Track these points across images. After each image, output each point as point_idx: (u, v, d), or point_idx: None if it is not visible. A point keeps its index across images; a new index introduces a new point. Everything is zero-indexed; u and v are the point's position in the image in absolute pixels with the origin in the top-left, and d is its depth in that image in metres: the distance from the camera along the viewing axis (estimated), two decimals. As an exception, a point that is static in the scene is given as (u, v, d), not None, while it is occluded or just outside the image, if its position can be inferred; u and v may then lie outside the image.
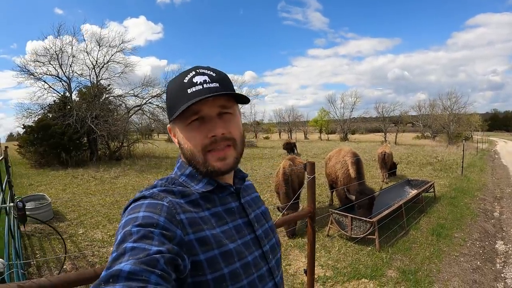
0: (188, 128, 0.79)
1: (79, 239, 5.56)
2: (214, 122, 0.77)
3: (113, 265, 0.56)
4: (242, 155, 0.86)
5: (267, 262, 0.83)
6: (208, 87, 0.76)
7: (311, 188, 2.45)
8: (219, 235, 0.74)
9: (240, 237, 0.79)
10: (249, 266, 0.77)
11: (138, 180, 11.60)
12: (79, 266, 4.53)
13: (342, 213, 5.11)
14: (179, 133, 0.82)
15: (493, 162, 17.17)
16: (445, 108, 37.64)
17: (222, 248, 0.73)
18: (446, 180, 10.60)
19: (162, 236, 0.63)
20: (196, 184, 0.81)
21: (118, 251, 0.59)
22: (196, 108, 0.76)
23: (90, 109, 17.04)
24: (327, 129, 54.51)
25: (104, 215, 6.85)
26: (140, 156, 19.54)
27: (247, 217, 0.85)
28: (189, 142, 0.79)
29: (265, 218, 0.93)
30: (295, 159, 6.48)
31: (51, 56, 17.19)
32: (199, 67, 0.81)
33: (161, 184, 0.81)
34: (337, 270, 4.12)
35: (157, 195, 0.73)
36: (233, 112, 0.82)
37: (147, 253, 0.57)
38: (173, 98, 0.80)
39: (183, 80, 0.78)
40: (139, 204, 0.70)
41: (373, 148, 23.54)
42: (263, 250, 0.84)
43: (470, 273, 4.18)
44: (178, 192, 0.78)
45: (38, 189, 9.92)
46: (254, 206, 0.92)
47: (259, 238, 0.84)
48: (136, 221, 0.64)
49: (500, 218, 6.78)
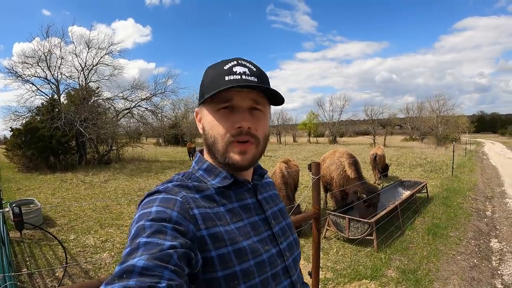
0: (217, 114, 0.77)
1: (71, 245, 5.40)
2: (244, 114, 0.76)
3: (127, 260, 0.55)
4: (261, 156, 0.84)
5: (284, 260, 0.81)
6: (246, 79, 0.74)
7: (316, 189, 2.41)
8: (233, 232, 0.73)
9: (256, 234, 0.77)
10: (263, 264, 0.74)
11: (128, 184, 11.42)
12: (71, 274, 4.40)
13: (340, 215, 5.08)
14: (206, 117, 0.80)
15: (482, 162, 17.43)
16: (433, 110, 38.22)
17: (235, 245, 0.71)
18: (437, 181, 10.72)
19: (175, 231, 0.62)
20: (213, 179, 0.80)
21: (132, 246, 0.58)
22: (229, 96, 0.75)
23: (78, 112, 16.77)
24: (316, 132, 54.73)
25: (95, 220, 6.70)
26: (130, 159, 19.28)
27: (264, 213, 0.83)
28: (214, 128, 0.78)
29: (282, 215, 0.91)
30: (290, 162, 6.45)
31: (39, 58, 16.89)
32: (241, 58, 0.80)
33: (177, 178, 0.79)
34: (337, 272, 4.08)
35: (171, 189, 0.73)
36: (264, 110, 0.81)
37: (160, 248, 0.57)
38: (209, 82, 0.78)
39: (223, 67, 0.77)
40: (153, 199, 0.70)
41: (362, 151, 23.74)
42: (280, 248, 0.81)
43: (468, 271, 4.20)
44: (193, 187, 0.76)
45: (27, 194, 9.66)
46: (271, 203, 0.90)
47: (275, 235, 0.82)
48: (149, 216, 0.64)
49: (492, 217, 6.86)
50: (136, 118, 21.19)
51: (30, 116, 17.13)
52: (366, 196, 5.27)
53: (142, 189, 10.37)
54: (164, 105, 20.90)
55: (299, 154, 23.49)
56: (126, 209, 7.56)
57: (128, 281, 0.51)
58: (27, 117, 17.03)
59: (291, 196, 5.42)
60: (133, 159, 19.65)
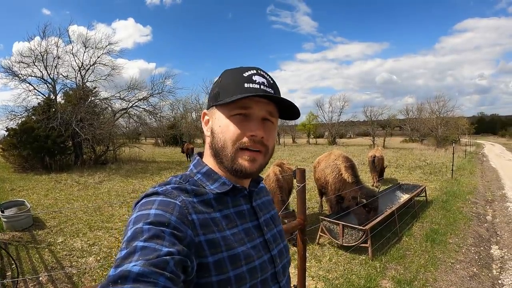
0: (231, 119, 0.77)
1: (58, 248, 5.30)
2: (258, 123, 0.77)
3: (122, 263, 0.54)
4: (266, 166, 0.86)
5: (274, 266, 0.81)
6: (265, 90, 0.77)
7: (301, 197, 2.22)
8: (229, 238, 0.73)
9: (249, 240, 0.78)
10: (255, 270, 0.75)
11: (122, 185, 11.27)
12: (55, 278, 4.26)
13: (333, 221, 4.89)
14: (217, 120, 0.79)
15: (482, 164, 17.24)
16: (433, 111, 38.00)
17: (230, 251, 0.71)
18: (436, 184, 10.53)
19: (173, 236, 0.62)
20: (211, 184, 0.80)
21: (128, 249, 0.57)
22: (247, 104, 0.76)
23: (75, 112, 16.61)
24: (315, 133, 54.48)
25: (85, 222, 6.57)
26: (126, 160, 19.10)
27: (257, 220, 0.84)
28: (226, 133, 0.77)
29: (274, 222, 0.92)
30: (283, 165, 6.26)
31: (36, 57, 16.76)
32: (260, 68, 0.82)
33: (175, 181, 0.79)
34: (329, 282, 3.89)
35: (170, 192, 0.72)
36: (275, 123, 0.83)
37: (157, 254, 0.56)
38: (226, 85, 0.79)
39: (242, 73, 0.78)
40: (151, 200, 0.69)
41: (361, 152, 23.56)
42: (272, 254, 0.82)
43: (467, 281, 4.01)
44: (192, 191, 0.76)
45: (20, 194, 9.60)
46: (264, 210, 0.90)
47: (267, 242, 0.83)
48: (148, 219, 0.63)
49: (493, 221, 6.68)
50: (133, 119, 21.05)
51: (26, 115, 17.01)
52: (366, 201, 5.10)
53: (136, 190, 10.22)
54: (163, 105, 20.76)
55: (298, 155, 23.28)
56: (117, 211, 7.42)
57: (122, 286, 0.50)
58: (23, 117, 16.91)
59: (286, 201, 5.23)
60: (130, 159, 19.46)
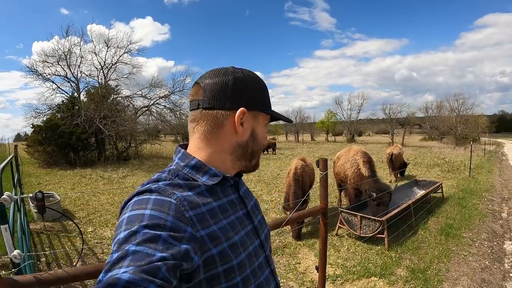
0: (264, 128, 0.90)
1: (89, 237, 5.59)
2: None
3: (113, 268, 0.55)
4: None
5: (264, 251, 0.87)
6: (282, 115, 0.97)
7: (323, 184, 2.48)
8: (226, 228, 0.75)
9: (242, 227, 0.81)
10: (251, 255, 0.79)
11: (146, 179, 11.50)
12: (89, 264, 4.56)
13: (351, 212, 5.12)
14: (260, 125, 0.89)
15: (501, 163, 17.02)
16: (452, 109, 37.41)
17: (229, 240, 0.74)
18: (454, 181, 10.56)
19: (169, 238, 0.61)
20: (202, 176, 0.79)
21: (119, 253, 0.57)
22: (273, 119, 0.93)
23: (98, 110, 17.24)
24: (334, 130, 54.33)
25: (113, 214, 6.90)
26: (148, 156, 19.68)
27: (246, 208, 0.88)
28: (263, 139, 0.90)
29: (257, 209, 0.97)
30: (306, 159, 6.47)
31: (59, 57, 17.41)
32: None
33: (164, 177, 0.77)
34: (347, 269, 4.14)
35: (164, 190, 0.70)
36: None
37: (149, 260, 0.56)
38: (264, 95, 0.89)
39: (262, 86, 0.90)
40: (145, 199, 0.67)
41: (380, 150, 23.48)
42: (261, 239, 0.87)
43: (478, 272, 4.18)
44: (185, 185, 0.75)
45: (47, 188, 9.97)
46: (248, 198, 0.94)
47: (256, 228, 0.88)
48: (143, 221, 0.62)
49: (508, 218, 6.74)
50: (155, 116, 21.55)
51: (51, 113, 17.69)
52: (376, 195, 5.29)
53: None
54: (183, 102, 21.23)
55: (316, 152, 23.45)
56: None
57: None
58: (47, 115, 17.60)
59: (298, 193, 5.45)
60: (151, 155, 20.03)
